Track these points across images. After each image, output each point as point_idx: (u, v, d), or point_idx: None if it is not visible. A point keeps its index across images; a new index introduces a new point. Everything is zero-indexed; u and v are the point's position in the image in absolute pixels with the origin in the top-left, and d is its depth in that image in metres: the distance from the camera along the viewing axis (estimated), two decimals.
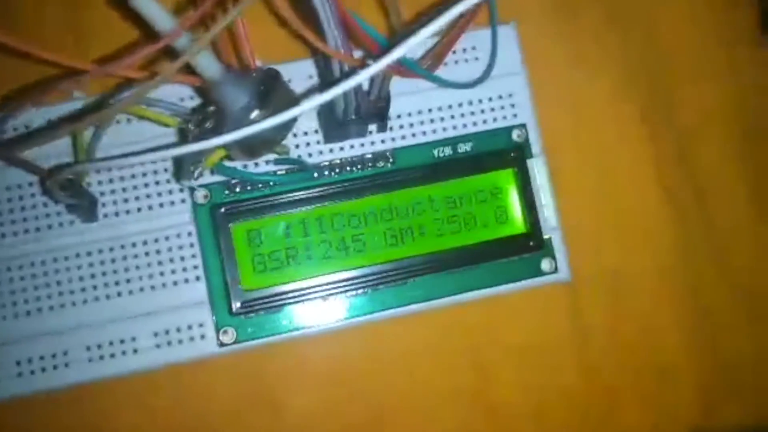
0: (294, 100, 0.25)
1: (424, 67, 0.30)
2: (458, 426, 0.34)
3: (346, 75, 0.27)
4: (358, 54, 0.28)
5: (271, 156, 0.31)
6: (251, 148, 0.25)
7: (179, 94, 0.31)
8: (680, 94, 0.36)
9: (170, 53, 0.24)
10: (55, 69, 0.30)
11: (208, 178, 0.31)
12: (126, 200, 0.31)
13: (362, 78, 0.23)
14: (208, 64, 0.24)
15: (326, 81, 0.28)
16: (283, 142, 0.29)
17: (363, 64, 0.26)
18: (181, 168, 0.26)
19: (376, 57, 0.23)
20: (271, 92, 0.25)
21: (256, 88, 0.25)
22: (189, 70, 0.25)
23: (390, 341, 0.33)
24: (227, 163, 0.28)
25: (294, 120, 0.25)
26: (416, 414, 0.33)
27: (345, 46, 0.26)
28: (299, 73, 0.31)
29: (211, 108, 0.26)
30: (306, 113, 0.31)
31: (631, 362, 0.35)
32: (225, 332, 0.30)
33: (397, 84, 0.30)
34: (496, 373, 0.34)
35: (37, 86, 0.25)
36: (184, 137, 0.27)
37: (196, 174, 0.26)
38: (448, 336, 0.33)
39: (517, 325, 0.34)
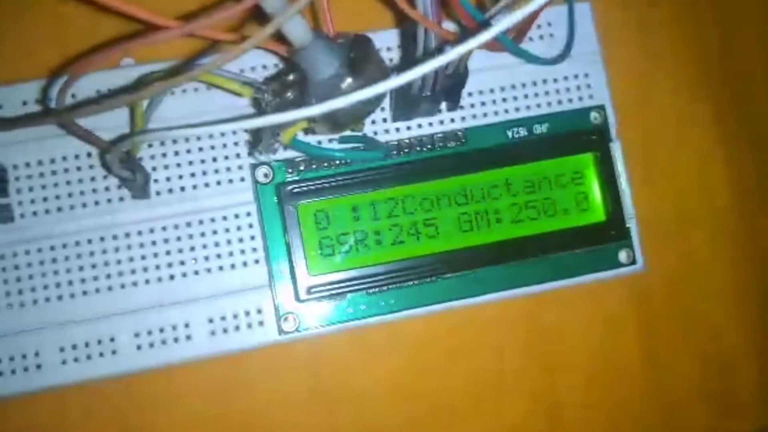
0: (386, 69, 0.23)
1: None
2: (519, 422, 0.32)
3: (432, 48, 0.25)
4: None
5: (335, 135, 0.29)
6: (339, 120, 0.23)
7: (239, 65, 0.29)
8: (755, 87, 0.35)
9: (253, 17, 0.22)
10: (110, 31, 0.28)
11: (258, 160, 0.29)
12: (180, 177, 0.29)
13: (468, 48, 0.21)
14: (299, 28, 0.21)
15: (409, 54, 0.26)
16: None
17: (457, 38, 0.24)
18: (260, 140, 0.24)
19: (469, 31, 0.21)
20: (362, 60, 0.22)
21: (345, 55, 0.23)
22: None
23: (455, 333, 0.31)
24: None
25: (384, 94, 0.23)
26: (475, 410, 0.32)
27: (436, 15, 0.24)
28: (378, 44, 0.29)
29: (291, 77, 0.24)
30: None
31: (699, 362, 0.33)
32: (287, 319, 0.28)
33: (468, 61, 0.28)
34: (561, 370, 0.32)
35: (100, 48, 0.22)
36: (258, 108, 0.25)
37: (274, 147, 0.23)
38: (515, 330, 0.32)
39: (587, 320, 0.32)
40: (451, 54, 0.21)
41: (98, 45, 0.29)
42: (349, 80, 0.22)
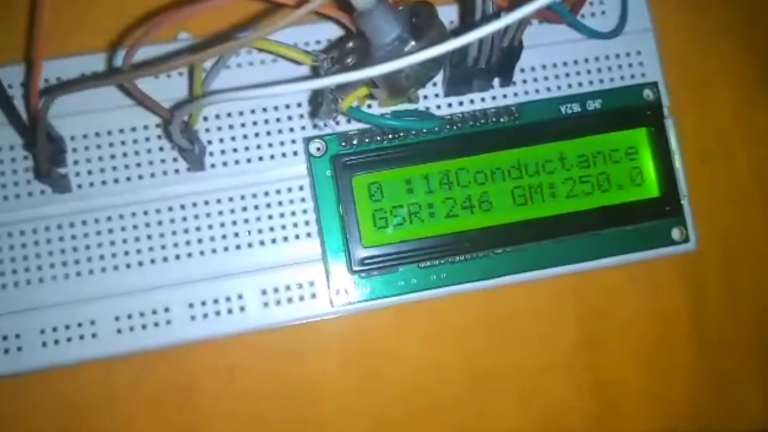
0: (447, 34, 0.23)
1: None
2: (563, 399, 0.32)
3: (490, 14, 0.25)
4: None
5: (386, 109, 0.29)
6: (401, 84, 0.23)
7: (304, 38, 0.29)
8: None
9: None
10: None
11: (322, 130, 0.29)
12: (235, 150, 0.29)
13: (522, 14, 0.21)
14: None
15: (467, 26, 0.26)
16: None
17: (510, 6, 0.24)
18: (320, 105, 0.24)
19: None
20: (424, 25, 0.23)
21: (407, 20, 0.23)
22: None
23: (506, 309, 0.31)
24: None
25: (446, 56, 0.23)
26: (519, 386, 0.31)
27: None
28: None
29: (350, 44, 0.24)
30: None
31: (751, 343, 0.33)
32: (339, 292, 0.28)
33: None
34: (609, 349, 0.32)
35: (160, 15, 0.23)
36: (318, 75, 0.25)
37: (334, 114, 0.24)
38: (565, 307, 0.31)
39: (635, 298, 0.32)
40: (511, 17, 0.20)
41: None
42: (412, 43, 0.22)
